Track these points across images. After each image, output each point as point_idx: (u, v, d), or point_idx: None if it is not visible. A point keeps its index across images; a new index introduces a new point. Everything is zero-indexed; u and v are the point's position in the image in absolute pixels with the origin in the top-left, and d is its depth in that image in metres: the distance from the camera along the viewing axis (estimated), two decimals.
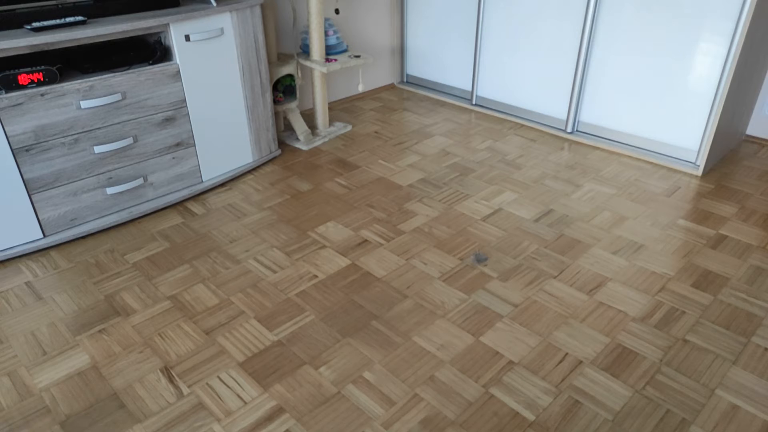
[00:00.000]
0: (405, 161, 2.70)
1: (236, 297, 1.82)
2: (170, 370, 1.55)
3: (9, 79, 1.80)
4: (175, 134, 2.25)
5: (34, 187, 1.95)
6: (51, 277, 1.92)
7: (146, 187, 2.24)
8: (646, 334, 1.66)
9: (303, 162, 2.71)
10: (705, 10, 2.34)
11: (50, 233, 2.05)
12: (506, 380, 1.51)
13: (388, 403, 1.44)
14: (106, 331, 1.69)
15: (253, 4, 2.33)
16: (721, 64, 2.37)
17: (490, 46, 3.13)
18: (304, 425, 1.39)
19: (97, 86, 1.98)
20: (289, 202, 2.36)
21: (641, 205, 2.32)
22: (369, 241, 2.10)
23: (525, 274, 1.92)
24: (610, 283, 1.87)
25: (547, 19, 2.84)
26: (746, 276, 1.90)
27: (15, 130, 1.85)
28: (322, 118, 2.97)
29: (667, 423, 1.39)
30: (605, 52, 2.70)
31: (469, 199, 2.37)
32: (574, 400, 1.45)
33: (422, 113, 3.27)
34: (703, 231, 2.15)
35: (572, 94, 2.87)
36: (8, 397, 1.47)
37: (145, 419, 1.40)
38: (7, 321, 1.72)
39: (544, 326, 1.69)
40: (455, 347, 1.62)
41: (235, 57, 2.34)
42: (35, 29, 1.84)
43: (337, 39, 2.85)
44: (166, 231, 2.17)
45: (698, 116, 2.50)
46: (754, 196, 2.38)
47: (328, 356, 1.59)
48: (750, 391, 1.47)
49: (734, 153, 2.76)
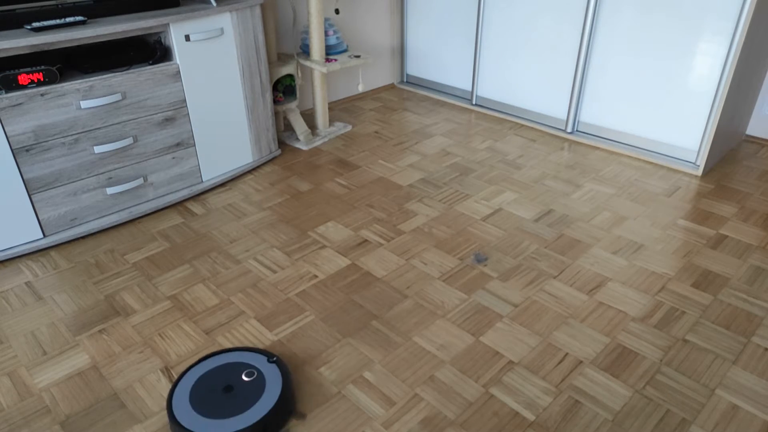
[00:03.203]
0: (405, 161, 2.70)
1: (236, 297, 1.82)
2: (170, 370, 1.55)
3: (9, 79, 1.80)
4: (175, 134, 2.25)
5: (34, 187, 1.95)
6: (51, 277, 1.92)
7: (146, 187, 2.24)
8: (646, 334, 1.66)
9: (303, 162, 2.71)
10: (705, 11, 2.34)
11: (50, 233, 2.05)
12: (506, 380, 1.51)
13: (388, 403, 1.44)
14: (106, 331, 1.69)
15: (253, 4, 2.33)
16: (721, 64, 2.37)
17: (491, 46, 3.13)
18: (304, 425, 1.39)
19: (97, 86, 1.98)
20: (289, 202, 2.36)
21: (641, 205, 2.32)
22: (369, 241, 2.10)
23: (525, 274, 1.92)
24: (610, 283, 1.87)
25: (548, 18, 2.84)
26: (746, 276, 1.90)
27: (15, 130, 1.85)
28: (322, 118, 2.97)
29: (667, 423, 1.39)
30: (605, 52, 2.70)
31: (469, 199, 2.37)
32: (574, 400, 1.45)
33: (422, 113, 3.27)
34: (703, 231, 2.15)
35: (572, 94, 2.87)
36: (8, 397, 1.47)
37: (145, 419, 1.40)
38: (7, 321, 1.72)
39: (544, 326, 1.69)
40: (455, 347, 1.62)
41: (235, 57, 2.34)
42: (35, 29, 1.84)
43: (337, 39, 2.85)
44: (166, 231, 2.17)
45: (698, 116, 2.50)
46: (754, 196, 2.38)
47: (328, 356, 1.59)
48: (750, 391, 1.47)
49: (734, 153, 2.76)
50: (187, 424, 1.28)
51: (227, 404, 1.32)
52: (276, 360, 1.42)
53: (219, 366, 1.42)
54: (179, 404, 1.33)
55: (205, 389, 1.35)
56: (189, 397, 1.34)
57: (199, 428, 1.26)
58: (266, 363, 1.42)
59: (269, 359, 1.42)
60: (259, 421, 1.28)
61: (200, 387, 1.36)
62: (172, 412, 1.31)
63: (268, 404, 1.31)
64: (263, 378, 1.38)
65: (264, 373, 1.39)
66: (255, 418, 1.28)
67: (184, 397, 1.34)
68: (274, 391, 1.35)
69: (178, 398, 1.34)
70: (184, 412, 1.30)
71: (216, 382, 1.37)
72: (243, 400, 1.32)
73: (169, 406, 1.32)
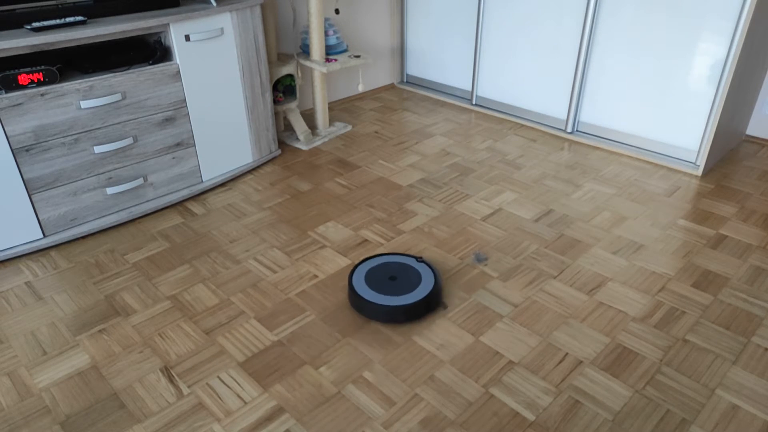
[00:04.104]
0: (405, 161, 2.70)
1: (236, 297, 1.82)
2: (170, 370, 1.55)
3: (9, 79, 1.80)
4: (175, 134, 2.25)
5: (34, 187, 1.95)
6: (51, 277, 1.92)
7: (146, 187, 2.24)
8: (646, 334, 1.66)
9: (303, 162, 2.71)
10: (705, 10, 2.34)
11: (50, 233, 2.05)
12: (506, 380, 1.51)
13: (388, 403, 1.44)
14: (106, 331, 1.69)
15: (253, 4, 2.33)
16: (721, 64, 2.37)
17: (491, 46, 3.13)
18: (304, 425, 1.39)
19: (97, 86, 1.98)
20: (289, 202, 2.36)
21: (641, 205, 2.32)
22: (369, 241, 2.10)
23: (525, 274, 1.92)
24: (610, 283, 1.87)
25: (547, 18, 2.84)
26: (746, 276, 1.90)
27: (15, 130, 1.85)
28: (322, 118, 2.97)
29: (667, 423, 1.39)
30: (605, 52, 2.70)
31: (469, 199, 2.37)
32: (574, 400, 1.45)
33: (422, 113, 3.27)
34: (703, 231, 2.15)
35: (572, 94, 2.87)
36: (8, 397, 1.47)
37: (145, 419, 1.40)
38: (7, 321, 1.72)
39: (544, 326, 1.69)
40: (455, 347, 1.62)
41: (235, 57, 2.35)
42: (35, 29, 1.84)
43: (337, 39, 2.85)
44: (166, 231, 2.17)
45: (698, 116, 2.50)
46: (754, 196, 2.38)
47: (328, 356, 1.59)
48: (750, 391, 1.47)
49: (734, 153, 2.76)
50: (368, 297, 1.70)
51: (395, 287, 1.74)
52: (422, 260, 1.84)
53: (380, 264, 1.85)
54: (358, 284, 1.75)
55: (375, 278, 1.78)
56: (364, 280, 1.77)
57: (377, 300, 1.69)
58: (416, 263, 1.84)
59: (417, 260, 1.84)
60: (423, 299, 1.70)
61: (370, 276, 1.79)
62: (354, 288, 1.73)
63: (426, 289, 1.73)
64: (418, 273, 1.80)
65: (418, 269, 1.81)
66: (419, 296, 1.70)
67: (360, 281, 1.77)
68: (428, 281, 1.76)
69: (356, 281, 1.77)
70: (364, 290, 1.73)
71: (381, 275, 1.79)
72: (407, 285, 1.75)
73: (351, 286, 1.75)
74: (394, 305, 1.67)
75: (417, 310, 1.69)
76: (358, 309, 1.72)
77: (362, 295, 1.71)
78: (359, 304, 1.71)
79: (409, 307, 1.67)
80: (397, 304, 1.67)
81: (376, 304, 1.67)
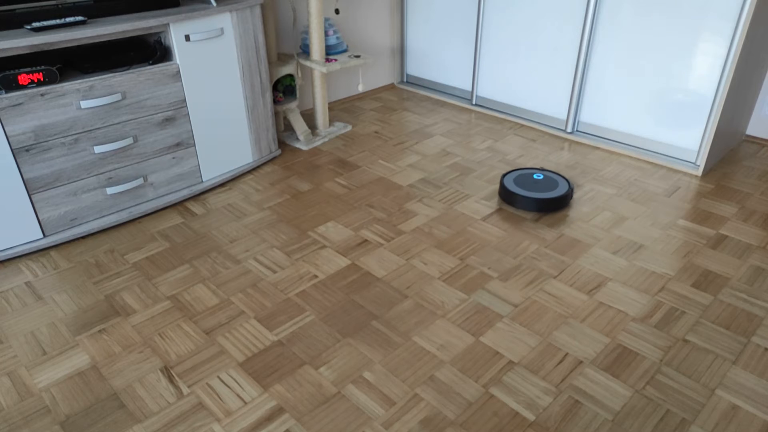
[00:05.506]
0: (405, 161, 2.70)
1: (236, 297, 1.82)
2: (170, 370, 1.55)
3: (9, 79, 1.80)
4: (175, 134, 2.25)
5: (34, 187, 1.95)
6: (51, 277, 1.92)
7: (146, 187, 2.24)
8: (646, 334, 1.66)
9: (303, 162, 2.71)
10: (704, 11, 2.34)
11: (50, 233, 2.05)
12: (506, 380, 1.51)
13: (388, 403, 1.44)
14: (106, 331, 1.69)
15: (253, 4, 2.33)
16: (721, 65, 2.37)
17: (491, 46, 3.13)
18: (304, 425, 1.39)
19: (97, 86, 1.98)
20: (289, 202, 2.36)
21: (641, 205, 2.32)
22: (369, 241, 2.10)
23: (525, 274, 1.92)
24: (610, 283, 1.87)
25: (548, 18, 2.84)
26: (746, 276, 1.90)
27: (15, 130, 1.85)
28: (322, 118, 2.97)
29: (667, 423, 1.39)
30: (605, 52, 2.70)
31: (469, 199, 2.37)
32: (574, 400, 1.45)
33: (422, 113, 3.27)
34: (703, 231, 2.15)
35: (572, 94, 2.87)
36: (8, 397, 1.47)
37: (145, 419, 1.40)
38: (7, 321, 1.72)
39: (544, 326, 1.69)
40: (455, 347, 1.62)
41: (235, 57, 2.35)
42: (35, 29, 1.84)
43: (337, 39, 2.85)
44: (166, 231, 2.17)
45: (698, 116, 2.50)
46: (754, 196, 2.38)
47: (328, 356, 1.59)
48: (750, 391, 1.47)
49: (734, 153, 2.76)
50: (517, 191, 2.28)
51: (538, 187, 2.31)
52: (545, 170, 2.46)
53: (522, 173, 2.43)
54: (509, 184, 2.33)
55: (520, 182, 2.35)
56: (513, 182, 2.35)
57: (525, 194, 2.27)
58: (544, 172, 2.44)
59: (540, 170, 2.45)
60: (561, 196, 2.26)
61: (517, 181, 2.36)
62: (506, 186, 2.32)
63: (562, 190, 2.30)
64: (554, 179, 2.38)
65: (552, 176, 2.40)
66: (559, 194, 2.27)
67: (511, 182, 2.34)
68: (563, 185, 2.33)
69: (507, 182, 2.35)
70: (514, 188, 2.30)
71: (526, 180, 2.36)
72: (546, 186, 2.32)
73: (502, 186, 2.33)
74: (542, 198, 2.25)
75: (558, 203, 2.26)
76: (510, 203, 2.30)
77: (512, 190, 2.29)
78: (512, 200, 2.29)
79: (551, 200, 2.25)
80: (543, 198, 2.25)
81: (528, 197, 2.25)
